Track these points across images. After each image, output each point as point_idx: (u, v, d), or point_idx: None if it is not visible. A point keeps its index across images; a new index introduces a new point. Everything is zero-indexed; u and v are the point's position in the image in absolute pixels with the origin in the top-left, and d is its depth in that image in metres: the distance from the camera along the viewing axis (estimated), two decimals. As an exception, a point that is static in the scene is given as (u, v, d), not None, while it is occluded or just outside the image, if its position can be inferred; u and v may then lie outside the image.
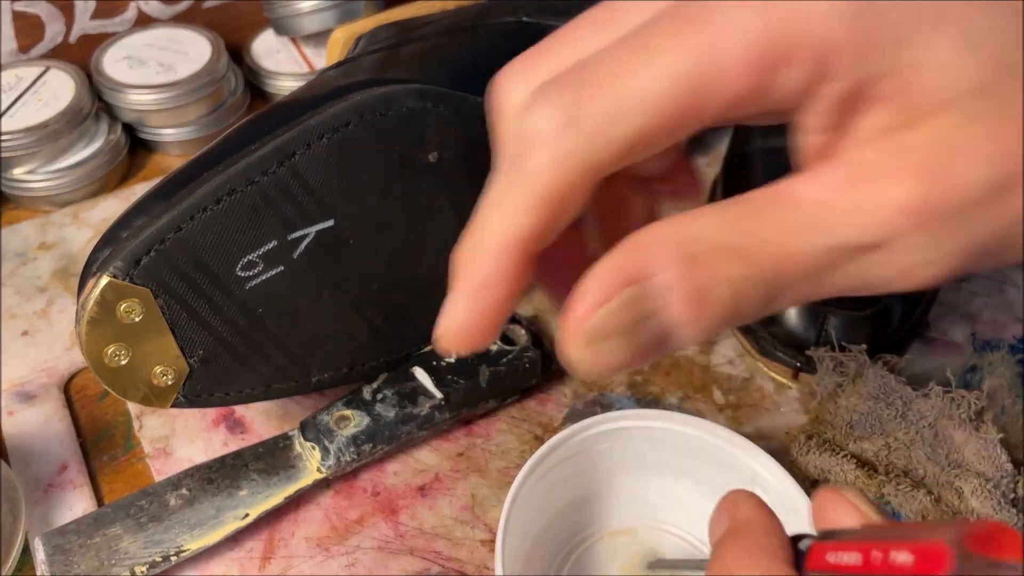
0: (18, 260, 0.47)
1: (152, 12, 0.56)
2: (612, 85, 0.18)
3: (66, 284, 0.45)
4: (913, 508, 0.33)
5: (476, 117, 0.38)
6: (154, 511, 0.34)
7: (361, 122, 0.34)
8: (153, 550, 0.33)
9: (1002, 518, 0.33)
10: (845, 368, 0.37)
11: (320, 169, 0.34)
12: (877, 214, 0.17)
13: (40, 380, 0.41)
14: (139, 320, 0.32)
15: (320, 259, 0.35)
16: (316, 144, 0.33)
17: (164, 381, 0.34)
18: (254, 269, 0.34)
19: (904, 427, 0.35)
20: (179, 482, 0.35)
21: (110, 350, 0.32)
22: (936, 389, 0.36)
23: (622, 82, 0.18)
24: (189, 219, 0.32)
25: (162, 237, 0.32)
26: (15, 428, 0.39)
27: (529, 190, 0.19)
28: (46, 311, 0.44)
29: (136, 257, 0.31)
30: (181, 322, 0.33)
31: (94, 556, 0.33)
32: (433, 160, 0.36)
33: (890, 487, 0.34)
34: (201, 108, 0.53)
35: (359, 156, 0.35)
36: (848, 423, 0.36)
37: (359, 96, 0.35)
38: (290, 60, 0.57)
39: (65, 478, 0.37)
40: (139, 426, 0.39)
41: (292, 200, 0.33)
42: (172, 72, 0.52)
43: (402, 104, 0.35)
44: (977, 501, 0.33)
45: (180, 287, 0.32)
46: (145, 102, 0.51)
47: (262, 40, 0.58)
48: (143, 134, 0.53)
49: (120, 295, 0.31)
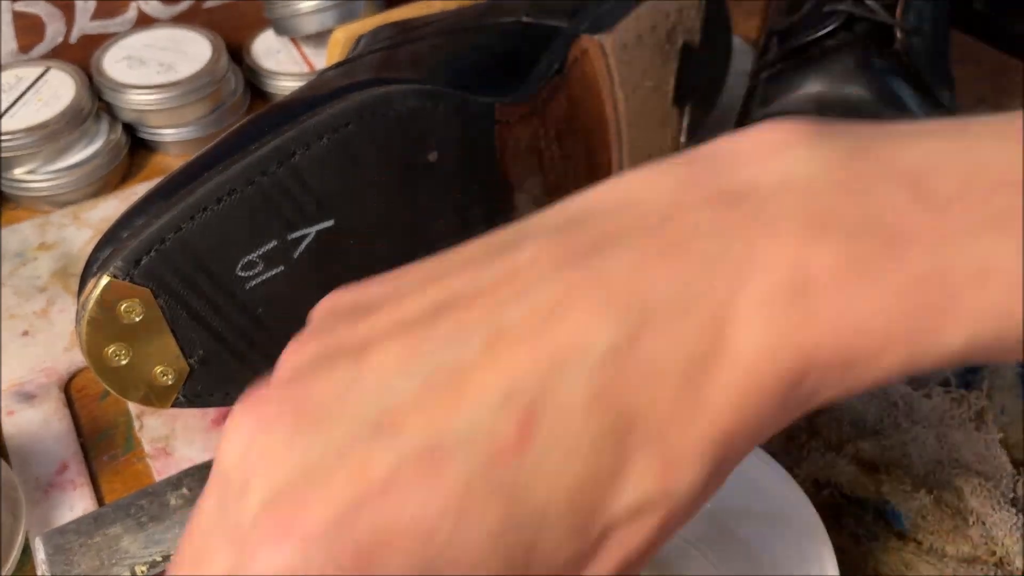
0: (18, 260, 0.47)
1: (152, 12, 0.56)
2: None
3: (66, 284, 0.45)
4: (913, 508, 0.33)
5: (476, 117, 0.38)
6: (154, 511, 0.34)
7: (361, 122, 0.34)
8: (153, 550, 0.33)
9: (1002, 518, 0.33)
10: (845, 368, 0.37)
11: (320, 169, 0.34)
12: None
13: (40, 380, 0.41)
14: (139, 320, 0.32)
15: (320, 259, 0.35)
16: (316, 144, 0.34)
17: (164, 381, 0.34)
18: (254, 269, 0.34)
19: (904, 427, 0.35)
20: (179, 482, 0.35)
21: (110, 350, 0.32)
22: (936, 389, 0.36)
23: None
24: (189, 219, 0.32)
25: (162, 237, 0.32)
26: (15, 428, 0.39)
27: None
28: (46, 311, 0.44)
29: (136, 257, 0.31)
30: (181, 322, 0.33)
31: (94, 556, 0.33)
32: (433, 160, 0.36)
33: (890, 487, 0.34)
34: (201, 108, 0.53)
35: (359, 156, 0.35)
36: (849, 423, 0.36)
37: (359, 96, 0.35)
38: (290, 60, 0.57)
39: (65, 478, 0.37)
40: (139, 426, 0.39)
41: (292, 200, 0.33)
42: (172, 72, 0.52)
43: (402, 104, 0.35)
44: (977, 501, 0.33)
45: (180, 287, 0.32)
46: (145, 102, 0.51)
47: (262, 40, 0.58)
48: (143, 134, 0.53)
49: (120, 295, 0.31)
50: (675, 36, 0.46)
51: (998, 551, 0.32)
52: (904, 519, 0.34)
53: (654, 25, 0.44)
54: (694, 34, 0.47)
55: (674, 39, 0.46)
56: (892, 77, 0.42)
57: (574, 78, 0.42)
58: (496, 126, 0.39)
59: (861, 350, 0.18)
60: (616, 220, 0.19)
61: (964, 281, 0.17)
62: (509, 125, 0.39)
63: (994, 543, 0.32)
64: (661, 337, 0.17)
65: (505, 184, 0.40)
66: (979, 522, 0.33)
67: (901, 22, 0.43)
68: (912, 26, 0.43)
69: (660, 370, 0.17)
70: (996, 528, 0.32)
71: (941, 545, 0.33)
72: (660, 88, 0.46)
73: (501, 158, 0.39)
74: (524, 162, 0.41)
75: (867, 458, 0.35)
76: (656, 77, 0.45)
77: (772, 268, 0.17)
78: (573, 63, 0.42)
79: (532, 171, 0.41)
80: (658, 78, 0.45)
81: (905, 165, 0.18)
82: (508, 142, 0.40)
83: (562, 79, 0.42)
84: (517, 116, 0.40)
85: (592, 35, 0.42)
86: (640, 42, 0.44)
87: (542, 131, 0.41)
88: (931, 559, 0.32)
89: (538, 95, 0.41)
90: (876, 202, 0.18)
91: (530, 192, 0.41)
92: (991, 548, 0.32)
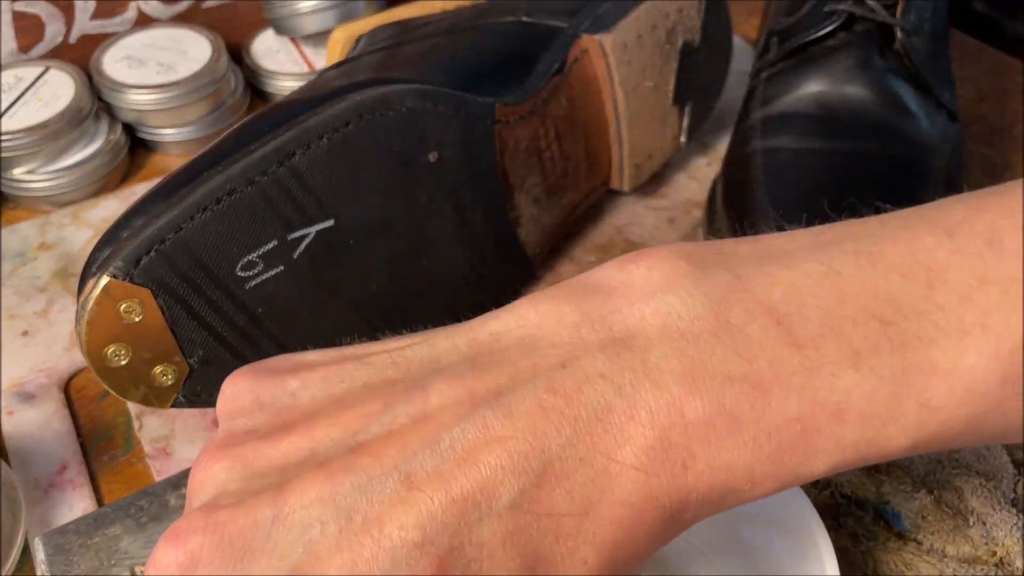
0: (18, 260, 0.47)
1: (152, 12, 0.56)
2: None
3: (66, 284, 0.45)
4: (913, 508, 0.33)
5: (476, 117, 0.38)
6: (154, 511, 0.34)
7: (361, 122, 0.34)
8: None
9: (1002, 518, 0.33)
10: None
11: (320, 169, 0.34)
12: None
13: (40, 380, 0.41)
14: (139, 320, 0.32)
15: (320, 259, 0.35)
16: (316, 144, 0.33)
17: (164, 381, 0.34)
18: (254, 269, 0.34)
19: (904, 427, 0.35)
20: (179, 482, 0.35)
21: (110, 350, 0.32)
22: (936, 389, 0.36)
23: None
24: (189, 219, 0.32)
25: (162, 237, 0.32)
26: (15, 428, 0.39)
27: None
28: (46, 311, 0.44)
29: (136, 257, 0.31)
30: (181, 322, 0.33)
31: (94, 556, 0.33)
32: (433, 160, 0.36)
33: (890, 487, 0.34)
34: (201, 108, 0.53)
35: (359, 156, 0.35)
36: (848, 423, 0.36)
37: (359, 96, 0.35)
38: (290, 60, 0.57)
39: (65, 478, 0.37)
40: (139, 426, 0.39)
41: (292, 200, 0.33)
42: (172, 72, 0.52)
43: (402, 104, 0.35)
44: (977, 501, 0.33)
45: (180, 287, 0.32)
46: (145, 102, 0.51)
47: (262, 40, 0.58)
48: (143, 134, 0.53)
49: (120, 295, 0.31)
50: (675, 36, 0.46)
51: (998, 551, 0.32)
52: (904, 519, 0.34)
53: (654, 25, 0.44)
54: (694, 34, 0.47)
55: (674, 39, 0.46)
56: (892, 77, 0.42)
57: (574, 78, 0.42)
58: (496, 126, 0.39)
59: (732, 485, 0.20)
60: (523, 358, 0.21)
61: (825, 419, 0.19)
62: (509, 125, 0.39)
63: (994, 543, 0.32)
64: (559, 487, 0.19)
65: (505, 184, 0.40)
66: (979, 522, 0.33)
67: (901, 22, 0.43)
68: (912, 26, 0.43)
69: (558, 514, 0.19)
70: (996, 528, 0.32)
71: (941, 545, 0.33)
72: (660, 88, 0.46)
73: (501, 158, 0.39)
74: (524, 162, 0.41)
75: (867, 458, 0.35)
76: (656, 77, 0.45)
77: (653, 421, 0.19)
78: (573, 63, 0.42)
79: (532, 171, 0.41)
80: (658, 78, 0.45)
81: (774, 303, 0.20)
82: (508, 142, 0.40)
83: (562, 79, 0.42)
84: (517, 116, 0.40)
85: (592, 35, 0.42)
86: (640, 42, 0.44)
87: (542, 131, 0.41)
88: (931, 559, 0.32)
89: (538, 95, 0.41)
90: (747, 346, 0.20)
91: (530, 192, 0.41)
92: (991, 548, 0.32)
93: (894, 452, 0.20)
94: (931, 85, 0.43)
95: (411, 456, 0.19)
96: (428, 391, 0.21)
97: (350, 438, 0.20)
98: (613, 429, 0.19)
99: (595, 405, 0.20)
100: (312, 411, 0.22)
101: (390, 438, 0.20)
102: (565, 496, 0.19)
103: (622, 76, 0.43)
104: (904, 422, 0.20)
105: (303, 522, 0.19)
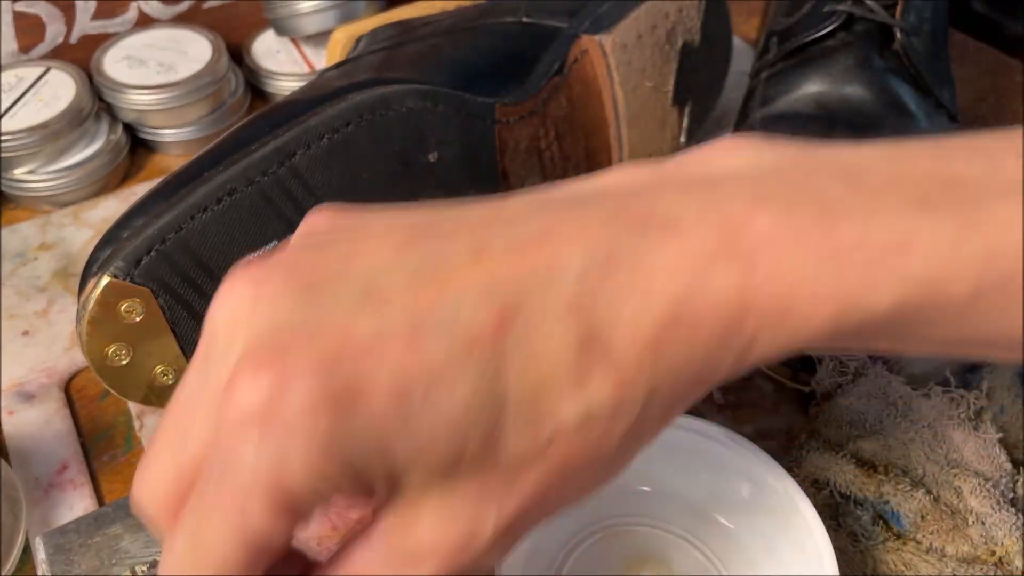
0: (18, 260, 0.47)
1: (152, 12, 0.56)
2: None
3: (66, 284, 0.45)
4: (912, 508, 0.33)
5: (476, 117, 0.38)
6: (154, 511, 0.34)
7: (361, 122, 0.34)
8: (153, 549, 0.33)
9: (1001, 517, 0.33)
10: (845, 368, 0.37)
11: (320, 169, 0.34)
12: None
13: (40, 380, 0.41)
14: (140, 320, 0.32)
15: (320, 259, 0.35)
16: (316, 144, 0.34)
17: (165, 381, 0.34)
18: (254, 269, 0.34)
19: (903, 427, 0.35)
20: (179, 482, 0.35)
21: (111, 350, 0.32)
22: (936, 389, 0.36)
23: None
24: (190, 219, 0.32)
25: (163, 237, 0.32)
26: (15, 428, 0.39)
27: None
28: (46, 311, 0.44)
29: (137, 257, 0.31)
30: (181, 322, 0.33)
31: (94, 556, 0.33)
32: (433, 160, 0.37)
33: (889, 486, 0.34)
34: (201, 108, 0.53)
35: (359, 156, 0.35)
36: (848, 423, 0.36)
37: (359, 96, 0.35)
38: (290, 60, 0.57)
39: (65, 478, 0.37)
40: (139, 426, 0.39)
41: (292, 200, 0.34)
42: (172, 72, 0.52)
43: (402, 104, 0.35)
44: (976, 500, 0.33)
45: (181, 287, 0.32)
46: (145, 102, 0.51)
47: (262, 40, 0.58)
48: (143, 134, 0.53)
49: (121, 295, 0.31)
50: (675, 36, 0.46)
51: (998, 551, 0.32)
52: (904, 519, 0.34)
53: (654, 25, 0.44)
54: (694, 34, 0.47)
55: (674, 39, 0.46)
56: (892, 77, 0.42)
57: (574, 78, 0.42)
58: (496, 126, 0.39)
59: (794, 300, 0.20)
60: (593, 190, 0.22)
61: (889, 250, 0.20)
62: (509, 125, 0.39)
63: (994, 543, 0.32)
64: (622, 276, 0.20)
65: (505, 184, 0.40)
66: (979, 522, 0.33)
67: (901, 22, 0.43)
68: (912, 26, 0.43)
69: (620, 300, 0.20)
70: (996, 528, 0.32)
71: (941, 545, 0.33)
72: (660, 88, 0.46)
73: (501, 158, 0.39)
74: (524, 162, 0.41)
75: (866, 458, 0.35)
76: (656, 77, 0.45)
77: (720, 227, 0.20)
78: (573, 63, 0.42)
79: (532, 171, 0.41)
80: (658, 78, 0.45)
81: (842, 163, 0.21)
82: (508, 142, 0.40)
83: (562, 79, 0.42)
84: (517, 116, 0.40)
85: (592, 35, 0.42)
86: (640, 42, 0.44)
87: (542, 131, 0.41)
88: (931, 559, 0.32)
89: (538, 95, 0.41)
90: (813, 186, 0.21)
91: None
92: (991, 548, 0.32)
93: (957, 297, 0.20)
94: (931, 85, 0.43)
95: (485, 232, 0.20)
96: (504, 203, 0.21)
97: (432, 220, 0.21)
98: (680, 234, 0.20)
99: (664, 215, 0.20)
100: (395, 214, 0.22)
101: (464, 224, 0.21)
102: (627, 284, 0.20)
103: (622, 76, 0.43)
104: (968, 263, 0.20)
105: (375, 264, 0.20)
